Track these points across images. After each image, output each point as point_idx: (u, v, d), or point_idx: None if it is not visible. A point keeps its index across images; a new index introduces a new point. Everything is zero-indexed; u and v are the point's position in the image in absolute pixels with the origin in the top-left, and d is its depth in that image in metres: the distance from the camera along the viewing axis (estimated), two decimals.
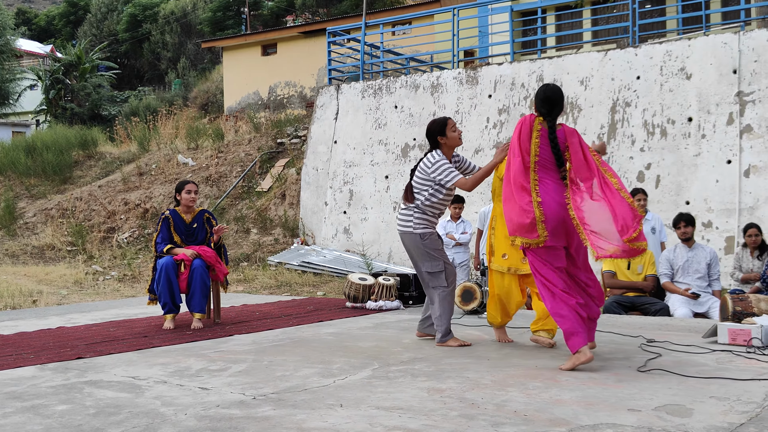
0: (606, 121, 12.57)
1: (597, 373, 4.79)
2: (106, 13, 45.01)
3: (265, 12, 39.39)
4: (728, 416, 3.71)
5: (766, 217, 10.88)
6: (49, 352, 5.90)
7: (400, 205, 6.21)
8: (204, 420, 3.80)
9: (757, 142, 11.28)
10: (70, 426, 3.74)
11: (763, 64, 11.37)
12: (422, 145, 14.26)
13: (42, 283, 13.35)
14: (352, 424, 3.67)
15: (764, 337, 5.51)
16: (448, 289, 5.98)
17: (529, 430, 3.52)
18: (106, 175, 21.09)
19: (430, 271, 6.01)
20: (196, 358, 5.59)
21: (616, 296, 7.99)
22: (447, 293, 5.97)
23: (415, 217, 6.01)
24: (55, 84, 34.03)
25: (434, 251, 6.00)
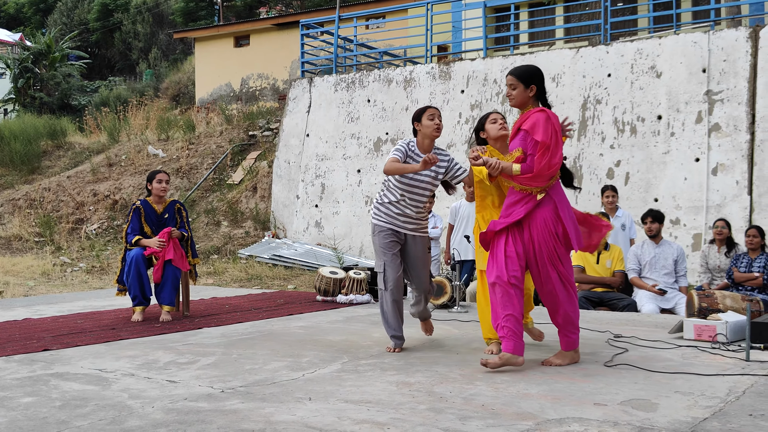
0: (577, 118, 12.65)
1: (564, 367, 4.83)
2: (77, 2, 44.47)
3: (238, 3, 39.12)
4: (692, 411, 3.75)
5: (733, 215, 11.01)
6: (14, 344, 5.84)
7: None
8: (171, 413, 3.78)
9: (725, 140, 11.41)
10: (36, 418, 3.71)
11: (732, 63, 11.51)
12: (394, 139, 14.27)
13: (8, 274, 13.19)
14: (321, 418, 3.67)
15: (729, 333, 5.58)
16: (386, 293, 5.50)
17: (496, 424, 3.54)
18: (75, 165, 20.87)
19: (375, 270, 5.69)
20: (164, 350, 5.56)
21: (584, 291, 8.05)
22: (383, 296, 5.52)
23: (374, 205, 5.68)
24: (24, 73, 33.58)
25: (380, 248, 5.54)
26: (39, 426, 3.58)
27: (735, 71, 11.47)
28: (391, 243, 5.52)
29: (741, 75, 11.43)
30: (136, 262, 6.98)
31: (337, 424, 3.55)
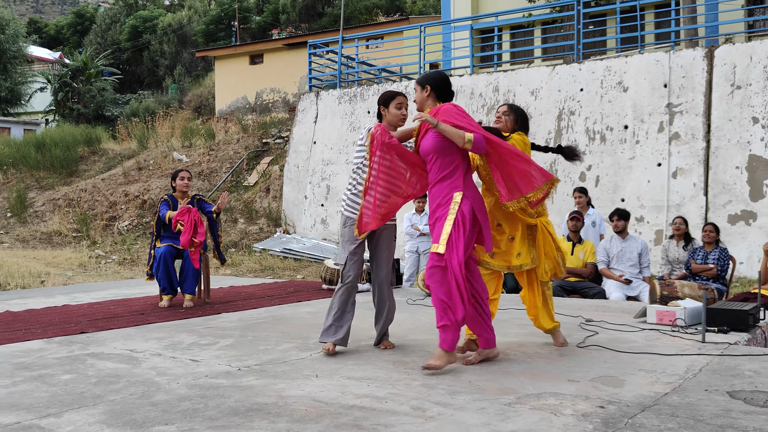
0: (553, 128, 12.65)
1: (542, 348, 4.83)
2: (110, 24, 44.43)
3: (253, 25, 39.09)
4: (655, 387, 3.76)
5: (691, 213, 11.02)
6: (55, 327, 5.83)
7: None
8: (194, 388, 3.78)
9: (684, 147, 11.42)
10: (74, 393, 3.71)
11: (690, 79, 11.51)
12: None
13: (49, 266, 13.18)
14: (326, 392, 3.67)
15: (687, 318, 5.58)
16: (344, 288, 4.71)
17: (482, 398, 3.54)
18: (108, 169, 20.84)
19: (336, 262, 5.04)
20: (187, 333, 5.55)
21: (559, 281, 8.04)
22: (341, 291, 4.73)
23: (347, 197, 4.78)
24: (63, 87, 33.55)
25: (349, 241, 4.74)
26: (77, 400, 3.58)
27: (693, 86, 11.48)
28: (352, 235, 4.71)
29: (698, 90, 11.43)
30: (165, 258, 6.99)
31: (341, 398, 3.55)
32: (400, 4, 36.48)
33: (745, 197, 10.88)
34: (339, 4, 33.32)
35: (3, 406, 3.49)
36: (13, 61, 34.41)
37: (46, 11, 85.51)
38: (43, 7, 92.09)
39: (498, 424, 3.12)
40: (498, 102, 13.28)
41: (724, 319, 5.35)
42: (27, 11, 79.18)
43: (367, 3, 34.77)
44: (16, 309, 6.95)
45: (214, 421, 3.19)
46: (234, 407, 3.40)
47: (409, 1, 36.62)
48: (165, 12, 43.55)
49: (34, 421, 3.22)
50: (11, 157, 21.54)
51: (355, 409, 3.37)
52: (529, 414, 3.26)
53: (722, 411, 3.29)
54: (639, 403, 3.44)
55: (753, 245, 10.53)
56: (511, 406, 3.40)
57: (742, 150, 11.00)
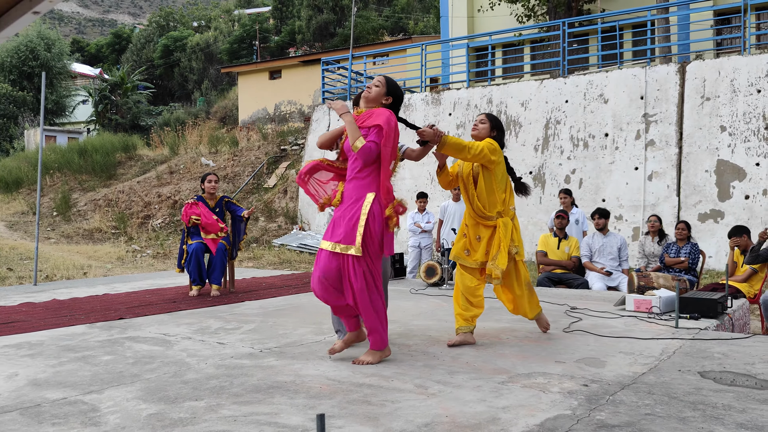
0: (541, 136, 12.62)
1: (531, 333, 4.82)
2: (145, 43, 44.53)
3: (272, 45, 39.14)
4: (633, 367, 3.75)
5: (665, 212, 10.99)
6: (96, 313, 5.85)
7: None
8: (221, 368, 3.79)
9: (658, 153, 11.38)
10: (114, 372, 3.72)
11: (664, 92, 11.47)
12: None
13: (91, 259, 13.22)
14: (339, 372, 3.67)
15: (662, 305, 5.57)
16: None
17: (478, 377, 3.54)
18: (143, 173, 20.89)
19: None
20: (214, 319, 5.56)
21: (546, 272, 8.03)
22: None
23: None
24: (103, 100, 33.64)
25: None
26: (117, 378, 3.59)
27: (666, 98, 11.44)
28: None
29: (671, 101, 11.39)
30: (196, 253, 7.02)
31: (352, 377, 3.55)
32: (404, 25, 36.47)
33: (713, 198, 10.84)
34: (349, 25, 33.32)
35: (51, 383, 3.50)
36: (58, 77, 34.49)
37: (87, 32, 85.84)
38: (85, 28, 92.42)
39: (492, 400, 3.11)
40: (491, 112, 13.27)
41: (695, 307, 5.33)
42: (71, 32, 79.52)
43: (374, 24, 34.78)
44: (62, 297, 6.98)
45: (239, 397, 3.20)
46: (257, 385, 3.41)
47: (411, 22, 36.60)
48: (193, 32, 43.60)
49: (78, 397, 3.23)
50: (57, 162, 21.61)
51: (365, 386, 3.37)
52: (520, 391, 3.26)
53: (694, 389, 3.28)
54: (619, 382, 3.43)
55: (721, 241, 10.49)
56: (504, 384, 3.40)
57: (711, 155, 10.95)
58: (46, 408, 3.06)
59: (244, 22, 41.03)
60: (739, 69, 10.87)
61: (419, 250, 9.64)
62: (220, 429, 2.74)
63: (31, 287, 8.13)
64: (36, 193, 19.79)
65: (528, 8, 18.24)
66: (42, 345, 4.49)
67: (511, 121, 13.00)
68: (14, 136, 31.51)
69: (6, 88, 32.47)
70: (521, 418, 2.85)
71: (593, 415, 2.88)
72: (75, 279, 10.06)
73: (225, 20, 44.97)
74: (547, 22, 16.88)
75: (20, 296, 7.11)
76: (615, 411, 2.93)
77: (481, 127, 4.55)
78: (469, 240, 4.55)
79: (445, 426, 2.75)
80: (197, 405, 3.07)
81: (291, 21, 39.03)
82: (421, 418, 2.85)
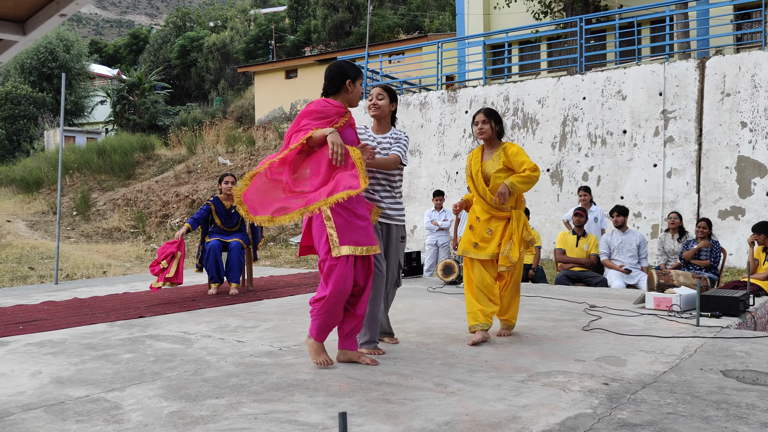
0: (558, 133, 12.55)
1: (551, 331, 4.80)
2: (162, 44, 44.83)
3: (287, 44, 39.26)
4: (654, 366, 3.72)
5: (684, 209, 10.89)
6: (117, 312, 5.90)
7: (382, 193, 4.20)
8: (240, 366, 3.81)
9: (678, 150, 11.27)
10: (135, 370, 3.75)
11: (683, 88, 11.36)
12: (412, 150, 14.24)
13: (110, 258, 13.35)
14: (358, 370, 3.68)
15: (682, 304, 5.52)
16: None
17: (497, 376, 3.52)
18: (161, 172, 21.04)
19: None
20: (233, 317, 5.59)
21: (565, 270, 7.99)
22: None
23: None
24: (121, 100, 33.94)
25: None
26: (138, 376, 3.62)
27: (686, 94, 11.33)
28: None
29: (690, 97, 11.27)
30: (214, 251, 7.07)
31: (371, 375, 3.55)
32: (419, 23, 36.42)
33: (734, 194, 10.72)
34: (365, 24, 33.32)
35: (74, 381, 3.54)
36: (77, 78, 34.86)
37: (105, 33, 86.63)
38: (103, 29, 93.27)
39: (513, 398, 3.10)
40: (508, 110, 13.21)
41: (716, 305, 5.28)
42: (89, 33, 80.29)
43: (389, 22, 34.76)
44: (83, 296, 7.05)
45: (259, 395, 3.21)
46: (276, 383, 3.42)
47: (427, 20, 36.53)
48: (210, 33, 43.83)
49: (101, 395, 3.26)
50: (76, 162, 21.84)
51: (384, 384, 3.37)
52: (540, 390, 3.24)
53: (716, 388, 3.25)
54: (640, 380, 3.40)
55: (742, 238, 10.38)
56: (524, 383, 3.38)
57: (732, 152, 10.83)
58: (70, 405, 3.09)
59: (260, 22, 41.18)
60: (760, 64, 10.74)
61: (436, 248, 9.63)
62: (241, 427, 2.75)
63: (52, 286, 8.23)
64: (56, 193, 20.01)
65: (544, 5, 18.14)
66: (64, 343, 4.54)
67: (528, 118, 12.94)
68: (34, 136, 31.87)
69: (26, 89, 32.85)
70: (542, 416, 2.84)
71: (614, 413, 2.86)
72: (95, 278, 10.16)
73: (241, 20, 45.17)
74: (564, 18, 16.78)
75: (42, 295, 7.19)
76: (636, 410, 2.91)
77: (486, 128, 4.50)
78: (477, 233, 4.51)
79: (465, 424, 2.75)
80: (218, 403, 3.09)
81: (307, 20, 39.11)
82: (441, 417, 2.85)
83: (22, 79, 33.90)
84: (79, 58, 35.24)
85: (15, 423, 2.85)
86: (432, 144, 14.00)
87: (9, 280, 10.58)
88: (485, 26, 19.29)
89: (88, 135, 31.99)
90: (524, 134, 12.92)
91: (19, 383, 3.51)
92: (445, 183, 13.59)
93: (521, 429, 2.68)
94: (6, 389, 3.40)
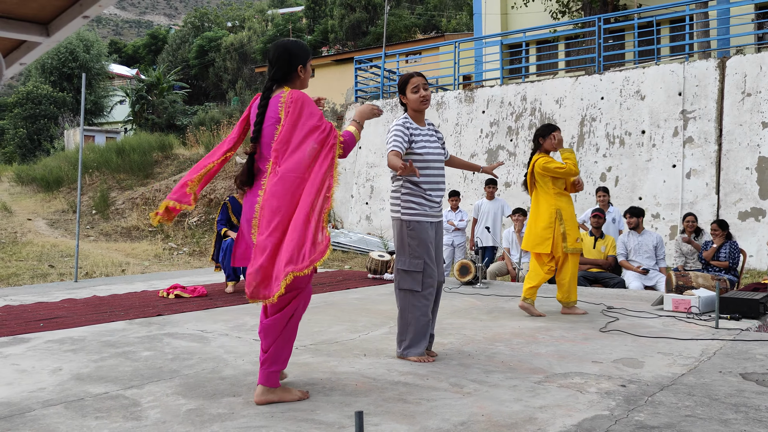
0: (576, 133, 12.48)
1: (567, 332, 4.78)
2: (180, 44, 45.14)
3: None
4: (672, 368, 3.69)
5: (703, 210, 10.79)
6: (135, 310, 5.96)
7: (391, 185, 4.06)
8: (257, 364, 3.82)
9: (697, 150, 11.17)
10: (153, 368, 3.78)
11: (703, 88, 11.25)
12: None
13: (129, 256, 13.46)
14: (374, 370, 3.69)
15: (701, 305, 5.47)
16: (424, 294, 3.87)
17: (514, 377, 3.52)
18: (179, 171, 21.19)
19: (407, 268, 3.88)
20: (250, 316, 5.62)
21: (582, 271, 7.95)
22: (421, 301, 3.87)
23: (402, 199, 3.95)
24: (140, 100, 34.21)
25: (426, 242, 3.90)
26: (156, 374, 3.65)
27: (705, 94, 11.22)
28: (431, 237, 3.94)
29: (710, 97, 11.16)
30: (230, 248, 7.12)
31: (387, 375, 3.56)
32: (436, 23, 36.36)
33: (754, 195, 10.60)
34: (381, 24, 33.32)
35: (93, 378, 3.58)
36: (96, 78, 35.19)
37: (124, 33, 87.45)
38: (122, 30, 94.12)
39: (529, 399, 3.10)
40: (525, 110, 13.16)
41: (736, 307, 5.23)
42: (108, 34, 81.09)
43: (406, 22, 34.74)
44: (102, 294, 7.12)
45: None
46: (293, 382, 3.43)
47: (444, 20, 36.47)
48: (228, 33, 44.07)
49: (120, 392, 3.30)
50: (96, 161, 22.04)
51: (400, 384, 3.38)
52: (557, 391, 3.23)
53: (736, 391, 3.22)
54: (658, 382, 3.38)
55: (762, 240, 10.26)
56: (540, 384, 3.37)
57: (752, 152, 10.71)
58: (89, 402, 3.13)
59: (277, 22, 41.35)
60: None
61: (452, 249, 9.61)
62: (258, 424, 2.77)
63: (72, 284, 8.32)
64: (76, 192, 20.23)
65: (562, 4, 18.04)
66: (84, 340, 4.59)
67: (545, 118, 12.88)
68: (55, 136, 32.23)
69: (47, 89, 33.23)
70: (558, 417, 2.83)
71: (632, 415, 2.85)
72: (114, 276, 10.26)
73: (259, 20, 45.36)
74: (582, 18, 16.68)
75: (62, 292, 7.28)
76: (654, 412, 2.89)
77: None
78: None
79: (481, 425, 2.75)
80: (235, 401, 3.11)
81: (324, 20, 39.20)
82: (457, 417, 2.85)
83: (43, 79, 34.29)
84: (99, 58, 35.57)
85: (36, 419, 2.89)
86: (448, 144, 13.98)
87: (30, 278, 10.71)
88: (503, 26, 19.23)
89: (107, 134, 32.28)
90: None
91: (40, 379, 3.56)
92: (461, 183, 13.57)
93: (537, 430, 2.68)
94: (27, 385, 3.44)
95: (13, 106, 33.87)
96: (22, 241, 15.03)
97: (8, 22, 1.97)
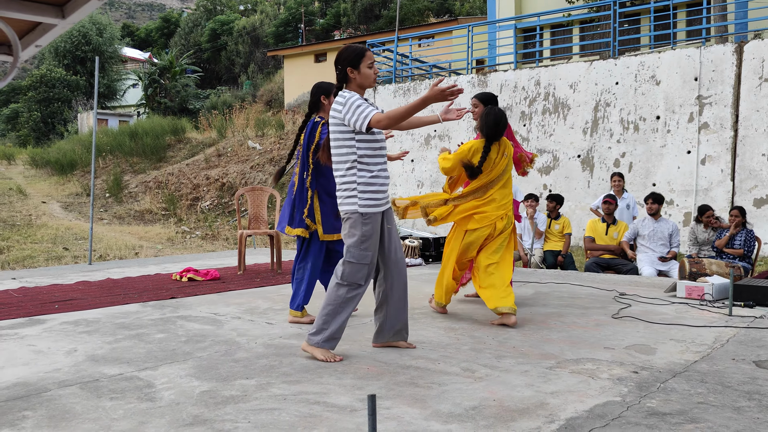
0: (590, 118, 12.38)
1: (579, 318, 4.77)
2: (193, 28, 45.12)
3: (317, 27, 39.21)
4: (685, 355, 3.68)
5: (718, 197, 10.70)
6: (149, 292, 6.00)
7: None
8: (270, 348, 3.86)
9: (712, 136, 11.05)
10: (167, 350, 3.82)
11: (719, 73, 11.11)
12: (441, 135, 14.16)
13: (142, 240, 13.56)
14: (386, 354, 3.70)
15: (715, 293, 5.45)
16: (360, 289, 3.59)
17: (525, 362, 3.52)
18: (192, 155, 21.26)
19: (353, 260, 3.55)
20: (263, 299, 5.65)
21: (594, 258, 7.92)
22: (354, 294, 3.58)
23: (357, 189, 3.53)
24: (152, 84, 34.27)
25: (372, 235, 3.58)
26: (170, 356, 3.69)
27: (722, 79, 11.08)
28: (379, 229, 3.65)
29: (727, 83, 11.03)
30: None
31: (398, 359, 3.58)
32: (449, 6, 36.07)
33: None
34: (394, 8, 33.11)
35: (108, 359, 3.62)
36: (109, 61, 35.26)
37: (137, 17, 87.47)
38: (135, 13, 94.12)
39: (541, 385, 3.10)
40: (539, 94, 13.06)
41: (750, 294, 5.20)
42: (121, 17, 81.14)
43: (419, 6, 34.48)
44: (116, 277, 7.18)
45: (288, 376, 3.25)
46: (305, 365, 3.46)
47: (457, 3, 36.17)
48: (240, 16, 43.97)
49: (134, 373, 3.33)
50: (109, 145, 22.15)
51: (411, 369, 3.39)
52: (568, 377, 3.23)
53: (749, 378, 3.21)
54: (670, 369, 3.37)
55: None
56: (552, 369, 3.38)
57: None
58: (104, 383, 3.16)
59: (289, 6, 41.19)
60: None
61: None
62: (271, 407, 2.79)
63: (86, 266, 8.39)
64: (89, 175, 20.35)
65: None
66: (98, 322, 4.64)
67: (559, 103, 12.78)
68: (68, 119, 32.39)
69: (60, 72, 33.35)
70: (570, 403, 2.83)
71: (644, 402, 2.85)
72: (127, 259, 10.34)
73: (271, 4, 45.22)
74: (597, 1, 16.50)
75: (76, 275, 7.34)
76: (666, 399, 2.89)
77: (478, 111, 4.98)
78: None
79: (492, 409, 2.75)
80: (248, 383, 3.14)
81: (336, 4, 39.00)
82: (469, 401, 2.86)
83: (57, 63, 34.42)
84: (112, 41, 35.64)
85: (52, 399, 2.93)
86: (461, 129, 13.92)
87: (44, 260, 10.83)
88: (516, 9, 19.05)
89: (120, 118, 32.40)
90: (555, 119, 12.78)
91: (56, 360, 3.61)
92: None
93: (549, 415, 2.68)
94: (43, 366, 3.49)
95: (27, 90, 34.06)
96: (37, 223, 15.17)
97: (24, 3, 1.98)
